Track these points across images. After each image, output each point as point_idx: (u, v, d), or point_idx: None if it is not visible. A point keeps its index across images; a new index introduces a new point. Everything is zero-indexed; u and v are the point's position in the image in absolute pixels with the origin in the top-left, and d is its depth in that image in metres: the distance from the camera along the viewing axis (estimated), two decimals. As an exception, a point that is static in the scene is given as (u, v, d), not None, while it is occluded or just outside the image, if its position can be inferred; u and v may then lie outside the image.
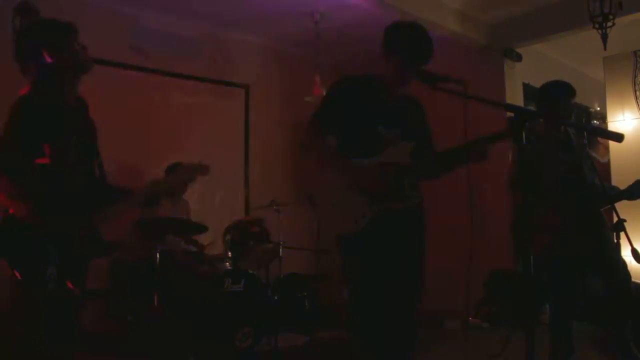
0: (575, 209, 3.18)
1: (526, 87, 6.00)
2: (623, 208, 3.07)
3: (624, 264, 3.17)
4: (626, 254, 2.95)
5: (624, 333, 3.23)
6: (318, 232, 5.41)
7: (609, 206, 3.19)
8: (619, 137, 3.15)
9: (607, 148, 5.22)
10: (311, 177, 2.54)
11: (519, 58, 5.74)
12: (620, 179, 3.26)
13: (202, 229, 4.51)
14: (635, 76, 5.14)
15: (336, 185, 2.43)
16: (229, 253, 4.31)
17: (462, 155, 2.40)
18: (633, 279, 3.85)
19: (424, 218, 2.60)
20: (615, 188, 3.42)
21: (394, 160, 2.43)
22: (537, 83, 5.90)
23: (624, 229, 2.84)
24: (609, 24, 4.20)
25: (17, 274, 2.01)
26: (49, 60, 2.15)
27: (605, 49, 4.29)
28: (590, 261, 3.29)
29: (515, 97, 5.71)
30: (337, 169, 2.46)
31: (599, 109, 7.16)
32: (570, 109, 3.31)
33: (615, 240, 2.92)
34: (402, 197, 2.44)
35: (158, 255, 3.93)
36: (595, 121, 7.16)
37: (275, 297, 4.46)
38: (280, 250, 4.40)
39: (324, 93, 2.76)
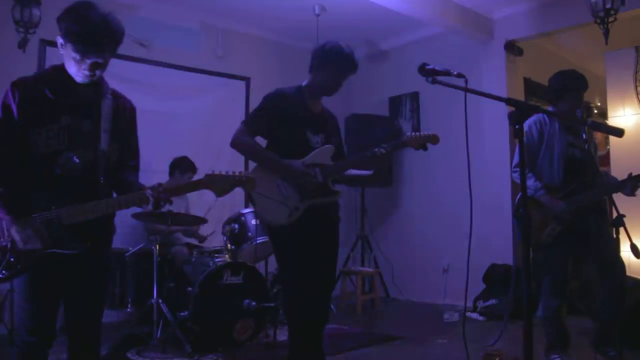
0: (580, 195, 3.20)
1: (527, 82, 6.00)
2: (622, 203, 3.07)
3: (621, 262, 3.17)
4: (625, 249, 2.95)
5: (613, 329, 3.24)
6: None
7: (608, 199, 3.21)
8: (619, 132, 3.16)
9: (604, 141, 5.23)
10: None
11: (520, 53, 5.73)
12: (620, 174, 3.26)
13: (201, 221, 4.52)
14: (637, 72, 5.13)
15: (271, 181, 2.75)
16: (229, 245, 4.32)
17: (367, 162, 2.84)
18: (632, 275, 3.87)
19: (338, 210, 3.00)
20: (614, 179, 3.43)
21: (319, 161, 2.80)
22: (538, 78, 5.94)
23: (623, 225, 2.84)
24: (611, 19, 4.19)
25: None
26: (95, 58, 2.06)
27: (606, 44, 4.28)
28: (589, 251, 3.31)
29: (516, 91, 5.71)
30: (271, 167, 2.77)
31: (599, 104, 7.15)
32: (581, 101, 3.34)
33: (615, 236, 2.92)
34: (327, 193, 2.81)
35: (157, 248, 3.94)
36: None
37: (274, 290, 4.48)
38: (280, 243, 4.40)
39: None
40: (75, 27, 2.01)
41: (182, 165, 4.81)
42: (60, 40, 2.06)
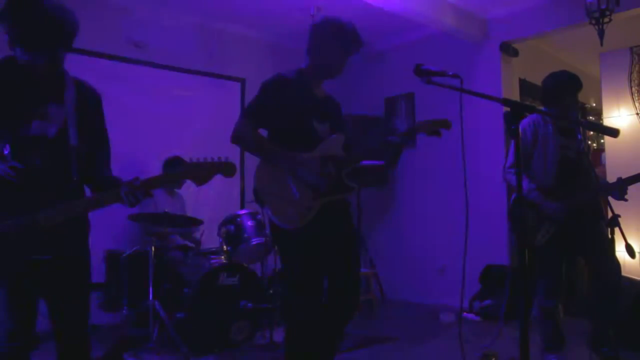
0: (573, 196, 3.20)
1: (522, 83, 6.01)
2: (617, 204, 3.08)
3: (616, 262, 3.18)
4: (620, 249, 2.96)
5: (607, 329, 3.24)
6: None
7: (603, 200, 3.22)
8: (614, 133, 3.17)
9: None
10: (255, 171, 2.55)
11: (515, 53, 5.74)
12: (615, 175, 3.27)
13: (197, 222, 4.51)
14: (631, 72, 5.15)
15: (280, 179, 2.48)
16: (225, 246, 4.31)
17: (382, 152, 2.59)
18: (627, 275, 3.88)
19: (349, 206, 2.73)
20: (605, 181, 3.44)
21: (330, 153, 2.52)
22: (533, 78, 5.95)
23: (618, 225, 2.85)
24: (606, 20, 4.21)
25: None
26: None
27: (601, 44, 4.30)
28: (584, 251, 3.33)
29: (511, 92, 5.72)
30: (281, 163, 2.49)
31: (594, 104, 7.18)
32: (576, 102, 3.34)
33: (610, 236, 2.92)
34: (343, 188, 2.56)
35: (153, 249, 3.93)
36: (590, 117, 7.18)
37: (271, 291, 4.47)
38: (276, 244, 4.39)
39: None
40: (15, 28, 1.86)
41: (174, 165, 4.80)
42: (6, 37, 1.89)
